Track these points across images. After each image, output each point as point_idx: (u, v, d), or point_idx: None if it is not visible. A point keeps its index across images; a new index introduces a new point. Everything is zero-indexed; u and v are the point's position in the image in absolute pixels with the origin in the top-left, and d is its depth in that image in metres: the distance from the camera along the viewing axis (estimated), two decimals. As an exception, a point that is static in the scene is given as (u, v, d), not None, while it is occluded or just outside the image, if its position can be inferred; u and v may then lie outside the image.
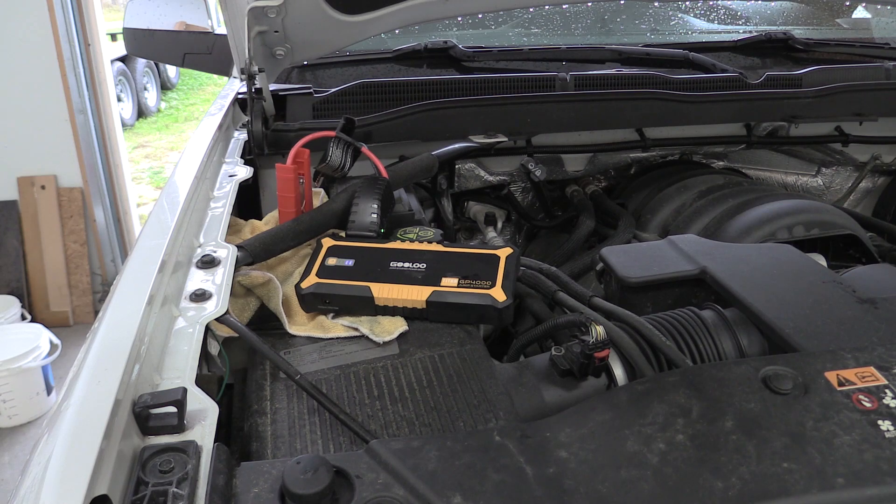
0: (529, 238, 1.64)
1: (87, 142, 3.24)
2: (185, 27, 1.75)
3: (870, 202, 1.77)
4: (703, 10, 2.20)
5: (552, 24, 2.02)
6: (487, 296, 0.78)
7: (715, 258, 0.94)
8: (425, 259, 0.84)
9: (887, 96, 1.54)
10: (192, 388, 0.61)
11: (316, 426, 0.65)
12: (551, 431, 0.58)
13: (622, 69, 1.62)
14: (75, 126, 3.19)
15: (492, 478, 0.53)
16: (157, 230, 0.86)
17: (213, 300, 0.76)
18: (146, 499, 0.49)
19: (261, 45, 1.22)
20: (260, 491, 0.51)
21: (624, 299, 0.93)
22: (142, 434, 0.56)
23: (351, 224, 0.92)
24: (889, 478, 0.52)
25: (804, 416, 0.59)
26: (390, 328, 0.77)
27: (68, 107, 3.15)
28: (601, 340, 0.71)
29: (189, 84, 9.49)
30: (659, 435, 0.57)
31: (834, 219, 1.22)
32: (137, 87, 7.44)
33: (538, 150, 1.48)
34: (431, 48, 1.65)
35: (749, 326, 0.82)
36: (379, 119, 1.31)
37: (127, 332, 0.63)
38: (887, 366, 0.64)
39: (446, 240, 0.91)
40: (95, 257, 3.39)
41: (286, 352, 0.75)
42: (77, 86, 3.15)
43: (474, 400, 0.68)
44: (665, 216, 1.41)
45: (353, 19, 1.22)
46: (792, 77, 1.56)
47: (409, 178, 1.12)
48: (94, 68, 3.23)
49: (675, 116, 1.46)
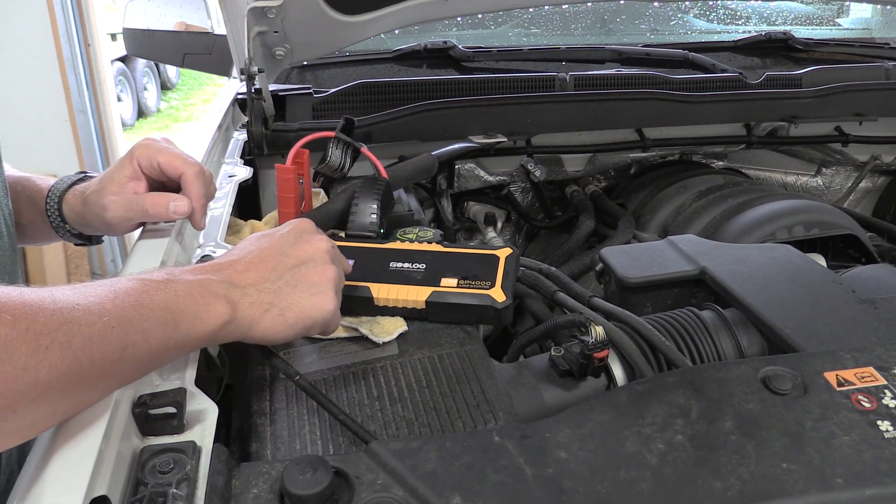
0: (529, 238, 1.64)
1: (87, 142, 3.24)
2: (184, 27, 1.75)
3: (870, 202, 1.77)
4: (702, 10, 2.20)
5: (552, 24, 2.02)
6: (487, 296, 0.78)
7: (714, 258, 0.94)
8: (425, 259, 0.84)
9: (887, 96, 1.54)
10: (192, 389, 0.61)
11: (315, 426, 0.65)
12: (551, 432, 0.58)
13: (622, 69, 1.62)
14: (75, 126, 3.19)
15: (491, 478, 0.53)
16: (157, 230, 0.86)
17: (212, 300, 0.76)
18: (145, 499, 0.49)
19: (260, 46, 1.22)
20: (259, 491, 0.51)
21: (623, 299, 0.93)
22: (141, 434, 0.56)
23: (350, 224, 0.92)
24: (888, 478, 0.52)
25: (803, 416, 0.59)
26: (390, 328, 0.77)
27: (68, 107, 3.15)
28: (601, 341, 0.71)
29: (189, 84, 9.49)
30: (658, 435, 0.57)
31: (834, 219, 1.22)
32: (137, 87, 7.44)
33: (538, 150, 1.48)
34: (431, 48, 1.65)
35: (748, 327, 0.82)
36: (379, 119, 1.31)
37: (126, 332, 0.63)
38: (887, 366, 0.64)
39: (446, 240, 0.91)
40: (95, 257, 3.39)
41: (285, 352, 0.75)
42: (77, 86, 3.15)
43: (474, 400, 0.68)
44: (665, 216, 1.41)
45: (353, 19, 1.22)
46: (792, 77, 1.56)
47: (409, 179, 1.12)
48: (94, 68, 3.23)
49: (675, 116, 1.46)
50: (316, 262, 0.67)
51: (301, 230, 0.70)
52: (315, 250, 0.67)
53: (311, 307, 0.64)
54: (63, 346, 0.46)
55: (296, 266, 0.65)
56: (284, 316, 0.63)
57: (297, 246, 0.67)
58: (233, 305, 0.60)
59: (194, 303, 0.57)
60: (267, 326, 0.62)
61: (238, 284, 0.61)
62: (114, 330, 0.50)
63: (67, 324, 0.47)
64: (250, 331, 0.62)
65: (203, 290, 0.58)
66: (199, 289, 0.58)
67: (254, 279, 0.63)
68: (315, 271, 0.66)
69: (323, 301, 0.65)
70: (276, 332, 0.63)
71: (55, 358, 0.46)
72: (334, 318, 0.68)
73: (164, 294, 0.55)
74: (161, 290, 0.56)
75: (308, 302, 0.64)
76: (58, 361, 0.46)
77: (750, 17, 2.21)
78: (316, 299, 0.65)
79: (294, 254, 0.66)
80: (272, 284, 0.63)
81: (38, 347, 0.45)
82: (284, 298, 0.63)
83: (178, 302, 0.56)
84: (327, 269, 0.67)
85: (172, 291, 0.56)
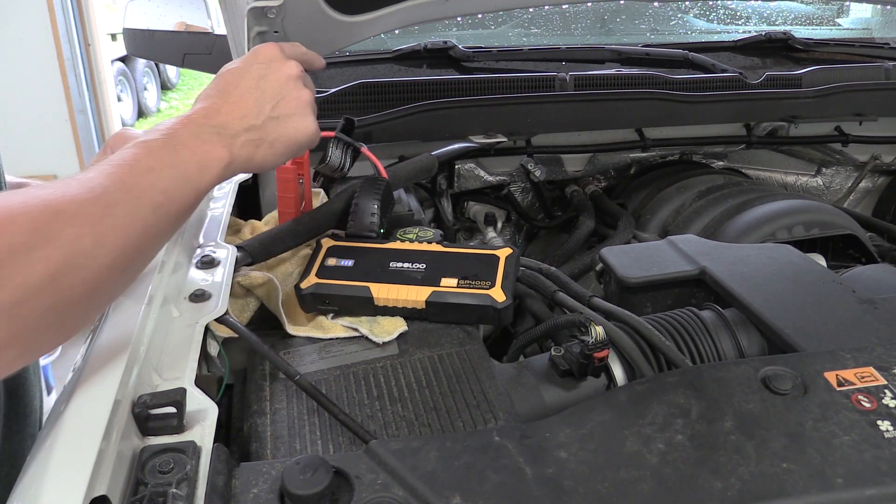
0: (529, 238, 1.64)
1: (87, 142, 3.24)
2: (184, 27, 1.75)
3: (870, 202, 1.77)
4: (702, 10, 2.20)
5: (552, 24, 2.02)
6: (487, 296, 0.78)
7: (714, 258, 0.94)
8: (425, 259, 0.84)
9: (887, 96, 1.54)
10: (192, 389, 0.61)
11: (315, 426, 0.65)
12: (551, 432, 0.58)
13: (622, 69, 1.62)
14: (75, 126, 3.19)
15: (491, 478, 0.53)
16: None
17: (212, 301, 0.76)
18: (145, 499, 0.49)
19: (260, 46, 1.21)
20: (259, 491, 0.51)
21: (623, 299, 0.93)
22: (141, 434, 0.56)
23: (350, 224, 0.92)
24: (888, 478, 0.52)
25: (803, 416, 0.59)
26: (390, 328, 0.77)
27: (68, 107, 3.16)
28: (601, 340, 0.71)
29: (189, 84, 9.49)
30: (658, 435, 0.57)
31: (834, 219, 1.22)
32: (137, 87, 7.44)
33: (538, 150, 1.48)
34: (431, 48, 1.65)
35: (748, 327, 0.82)
36: (379, 119, 1.31)
37: (126, 332, 0.63)
38: (887, 366, 0.64)
39: (446, 240, 0.91)
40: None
41: (286, 352, 0.75)
42: (77, 86, 3.15)
43: (474, 400, 0.68)
44: (665, 216, 1.41)
45: (353, 19, 1.22)
46: (792, 77, 1.56)
47: (409, 179, 1.12)
48: (94, 68, 3.23)
49: (675, 116, 1.46)
50: (290, 90, 0.73)
51: (268, 58, 0.75)
52: (287, 77, 0.74)
53: (295, 133, 0.73)
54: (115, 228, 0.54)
55: (274, 98, 0.72)
56: (274, 147, 0.71)
57: (269, 77, 0.73)
58: (229, 148, 0.66)
59: (195, 154, 0.63)
60: (262, 159, 0.70)
61: (229, 128, 0.67)
62: (141, 200, 0.57)
63: (110, 207, 0.54)
64: (248, 165, 0.69)
65: (200, 141, 0.64)
66: (197, 140, 0.64)
67: (241, 120, 0.69)
68: (292, 99, 0.73)
69: (305, 124, 0.74)
70: (271, 162, 0.72)
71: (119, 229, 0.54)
72: (316, 135, 0.76)
73: (169, 153, 0.61)
74: (164, 149, 0.61)
75: (292, 129, 0.72)
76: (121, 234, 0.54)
77: (750, 17, 2.21)
78: (298, 124, 0.73)
79: (269, 87, 0.72)
80: (257, 120, 0.70)
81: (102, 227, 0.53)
82: (272, 132, 0.71)
83: (182, 156, 0.62)
84: (302, 94, 0.74)
85: (173, 148, 0.62)
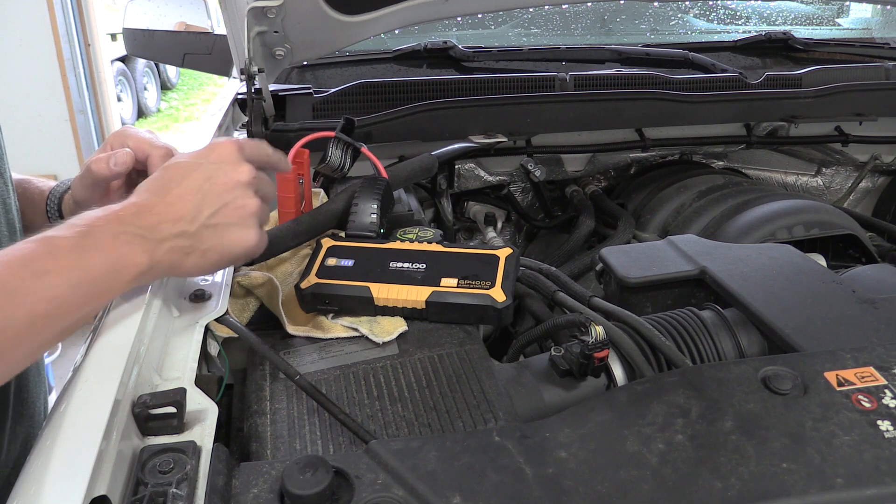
0: (529, 238, 1.64)
1: (87, 142, 3.24)
2: (184, 27, 1.75)
3: (870, 202, 1.77)
4: (702, 10, 2.20)
5: (552, 24, 2.02)
6: (487, 296, 0.78)
7: (714, 258, 0.94)
8: (425, 259, 0.84)
9: (887, 96, 1.54)
10: (192, 389, 0.61)
11: (315, 426, 0.65)
12: (551, 432, 0.58)
13: (622, 69, 1.62)
14: (75, 126, 3.19)
15: (491, 478, 0.53)
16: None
17: (212, 300, 0.76)
18: (145, 499, 0.49)
19: (260, 46, 1.22)
20: (259, 491, 0.51)
21: (623, 299, 0.93)
22: (141, 434, 0.56)
23: (350, 224, 0.92)
24: (888, 478, 0.52)
25: (803, 416, 0.59)
26: (390, 328, 0.77)
27: (68, 107, 3.16)
28: (601, 340, 0.71)
29: (189, 84, 9.49)
30: (658, 435, 0.57)
31: (834, 219, 1.22)
32: (137, 87, 7.44)
33: (538, 150, 1.48)
34: (431, 48, 1.65)
35: (748, 327, 0.82)
36: (379, 119, 1.31)
37: (126, 332, 0.63)
38: (887, 366, 0.64)
39: (446, 240, 0.91)
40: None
41: (286, 352, 0.75)
42: (77, 86, 3.15)
43: (474, 400, 0.68)
44: (665, 216, 1.41)
45: (353, 19, 1.22)
46: (792, 77, 1.56)
47: (409, 179, 1.12)
48: (94, 68, 3.23)
49: (675, 116, 1.46)
50: (236, 198, 0.67)
51: (221, 160, 0.69)
52: (235, 184, 0.68)
53: (231, 245, 0.67)
54: None
55: (215, 204, 0.66)
56: (206, 257, 0.66)
57: (215, 180, 0.67)
58: (150, 253, 0.61)
59: (108, 258, 0.59)
60: (189, 268, 0.65)
61: (157, 231, 0.62)
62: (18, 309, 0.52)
63: None
64: (173, 271, 0.65)
65: (118, 243, 0.60)
66: (114, 241, 0.60)
67: (172, 224, 0.63)
68: (235, 207, 0.67)
69: (244, 236, 0.67)
70: (200, 271, 0.67)
71: None
72: (257, 247, 0.70)
73: (76, 256, 0.57)
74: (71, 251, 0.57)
75: (228, 240, 0.66)
76: None
77: (750, 17, 2.21)
78: (236, 236, 0.67)
79: (213, 192, 0.66)
80: (191, 226, 0.64)
81: None
82: (205, 241, 0.65)
83: (91, 259, 0.58)
84: (248, 204, 0.68)
85: (82, 250, 0.58)
